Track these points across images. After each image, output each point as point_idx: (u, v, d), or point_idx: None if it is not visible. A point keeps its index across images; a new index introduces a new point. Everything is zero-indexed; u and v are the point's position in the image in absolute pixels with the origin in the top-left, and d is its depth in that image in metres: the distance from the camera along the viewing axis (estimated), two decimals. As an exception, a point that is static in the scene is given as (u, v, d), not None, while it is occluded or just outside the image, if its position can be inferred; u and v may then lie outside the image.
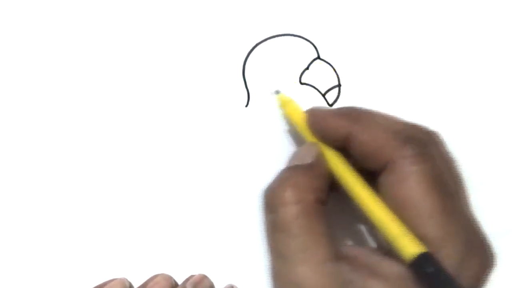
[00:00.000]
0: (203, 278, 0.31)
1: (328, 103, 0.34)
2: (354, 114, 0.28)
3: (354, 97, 0.34)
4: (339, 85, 0.34)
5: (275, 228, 0.26)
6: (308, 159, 0.27)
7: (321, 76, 0.34)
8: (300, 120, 0.30)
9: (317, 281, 0.24)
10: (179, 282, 0.31)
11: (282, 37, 0.34)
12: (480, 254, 0.25)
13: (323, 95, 0.34)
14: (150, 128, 0.33)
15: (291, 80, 0.34)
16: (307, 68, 0.34)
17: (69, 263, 0.31)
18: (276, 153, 0.32)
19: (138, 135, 0.33)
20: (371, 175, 0.27)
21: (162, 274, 0.31)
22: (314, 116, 0.29)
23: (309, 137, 0.30)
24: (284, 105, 0.32)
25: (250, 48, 0.34)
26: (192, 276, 0.31)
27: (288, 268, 0.25)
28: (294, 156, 0.29)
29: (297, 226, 0.25)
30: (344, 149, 0.28)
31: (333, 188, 0.28)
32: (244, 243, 0.32)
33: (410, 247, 0.24)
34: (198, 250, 0.32)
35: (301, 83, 0.34)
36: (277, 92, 0.33)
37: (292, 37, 0.34)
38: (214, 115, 0.33)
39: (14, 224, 0.32)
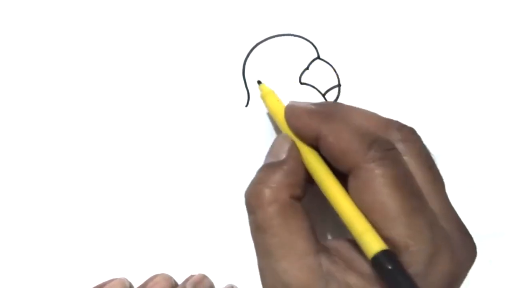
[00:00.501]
0: (203, 278, 0.31)
1: (328, 103, 0.34)
2: (327, 113, 0.28)
3: (354, 97, 0.34)
4: (339, 85, 0.34)
5: (255, 228, 0.27)
6: (282, 155, 0.28)
7: (321, 76, 0.34)
8: (279, 113, 0.30)
9: (298, 275, 0.25)
10: (179, 282, 0.31)
11: (282, 37, 0.34)
12: (451, 251, 0.25)
13: (323, 95, 0.34)
14: (150, 128, 0.33)
15: (291, 80, 0.34)
16: (307, 68, 0.34)
17: (69, 263, 0.31)
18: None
19: (138, 135, 0.33)
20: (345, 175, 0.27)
21: (162, 274, 0.31)
22: (291, 112, 0.29)
23: (286, 130, 0.29)
24: (264, 96, 0.32)
25: (250, 48, 0.34)
26: (192, 276, 0.31)
27: (271, 265, 0.26)
28: (270, 151, 0.29)
29: (274, 225, 0.26)
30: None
31: (312, 181, 0.28)
32: (244, 243, 0.32)
33: (372, 244, 0.24)
34: (198, 250, 0.32)
35: (301, 83, 0.34)
36: (259, 82, 0.33)
37: (292, 37, 0.34)
38: (214, 115, 0.33)
39: (14, 224, 0.32)
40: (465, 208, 0.27)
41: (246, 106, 0.33)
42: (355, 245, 0.27)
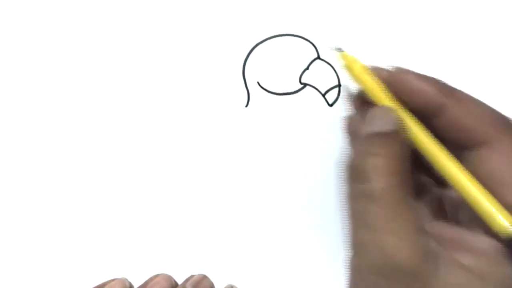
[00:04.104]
0: (203, 278, 0.31)
1: (328, 103, 0.34)
2: (447, 86, 0.27)
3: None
4: (339, 85, 0.34)
5: (363, 198, 0.25)
6: (389, 126, 0.26)
7: (321, 76, 0.34)
8: (371, 82, 0.27)
9: (406, 251, 0.24)
10: (179, 282, 0.31)
11: (282, 37, 0.34)
12: None
13: (323, 95, 0.34)
14: (150, 128, 0.33)
15: (291, 80, 0.34)
16: (307, 68, 0.34)
17: (69, 263, 0.31)
18: (275, 153, 0.32)
19: (138, 135, 0.33)
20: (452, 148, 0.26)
21: (162, 274, 0.31)
22: (396, 77, 0.27)
23: (382, 100, 0.27)
24: (349, 65, 0.28)
25: (250, 48, 0.34)
26: (192, 276, 0.31)
27: (375, 237, 0.24)
28: (370, 122, 0.26)
29: (389, 197, 0.24)
30: (424, 117, 0.26)
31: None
32: (244, 243, 0.32)
33: (505, 223, 0.23)
34: (198, 250, 0.32)
35: (301, 83, 0.34)
36: (339, 50, 0.28)
37: (292, 37, 0.34)
38: (214, 115, 0.33)
39: (14, 224, 0.32)
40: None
41: (246, 106, 0.33)
42: (458, 226, 0.26)
